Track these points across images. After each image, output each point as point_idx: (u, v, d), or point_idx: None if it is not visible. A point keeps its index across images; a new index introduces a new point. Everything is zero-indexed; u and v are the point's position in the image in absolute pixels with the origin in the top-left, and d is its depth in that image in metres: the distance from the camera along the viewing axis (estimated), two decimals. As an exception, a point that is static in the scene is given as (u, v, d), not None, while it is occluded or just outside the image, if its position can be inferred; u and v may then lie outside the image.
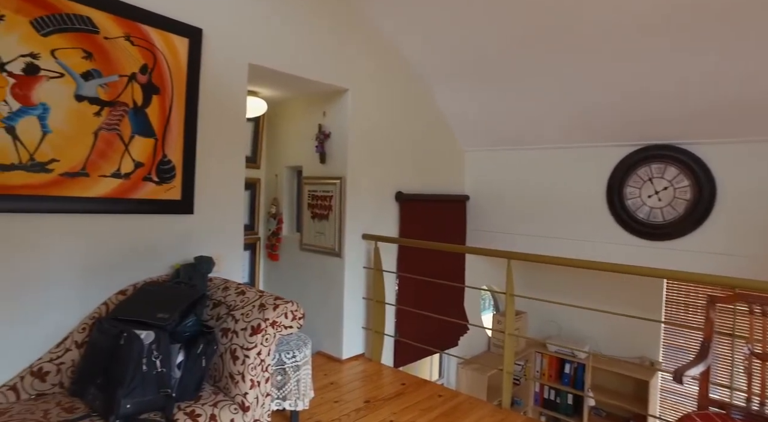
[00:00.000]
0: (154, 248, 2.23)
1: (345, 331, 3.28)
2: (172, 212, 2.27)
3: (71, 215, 1.95)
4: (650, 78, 2.90)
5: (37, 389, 1.85)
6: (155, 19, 2.11)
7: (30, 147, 1.82)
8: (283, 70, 2.76)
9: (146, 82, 2.11)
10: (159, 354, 1.66)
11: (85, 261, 2.01)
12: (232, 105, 2.51)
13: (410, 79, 3.72)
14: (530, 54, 3.13)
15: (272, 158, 3.86)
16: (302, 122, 3.58)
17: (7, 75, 1.76)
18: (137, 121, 2.10)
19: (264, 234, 3.89)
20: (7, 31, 1.75)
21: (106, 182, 2.03)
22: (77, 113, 1.92)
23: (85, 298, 2.00)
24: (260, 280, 3.91)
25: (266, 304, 1.92)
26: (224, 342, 1.89)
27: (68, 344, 1.93)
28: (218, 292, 2.13)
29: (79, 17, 1.90)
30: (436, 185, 4.07)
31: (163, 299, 1.89)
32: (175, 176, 2.25)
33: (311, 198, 3.48)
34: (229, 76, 2.48)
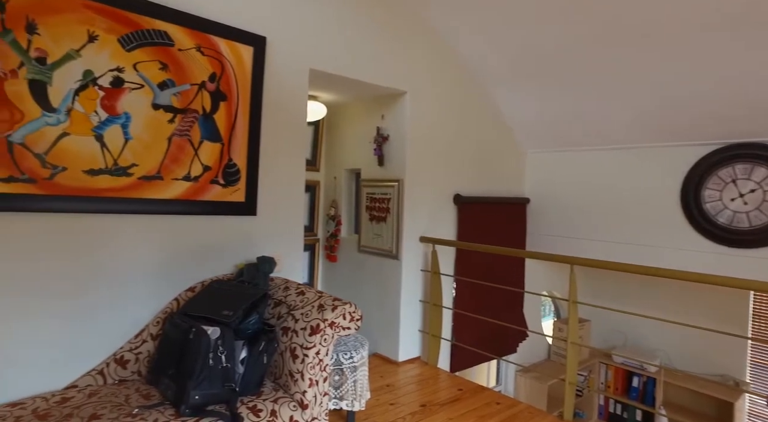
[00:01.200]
0: (220, 247, 2.34)
1: (401, 334, 3.29)
2: (236, 214, 2.37)
3: (147, 215, 2.10)
4: (731, 71, 2.67)
5: (120, 375, 2.00)
6: (224, 30, 2.22)
7: (114, 153, 1.98)
8: (343, 74, 2.81)
9: (214, 90, 2.22)
10: (224, 349, 1.74)
11: (158, 259, 2.15)
12: (293, 109, 2.59)
13: (469, 80, 3.67)
14: (596, 50, 2.99)
15: (331, 160, 3.95)
16: (361, 125, 3.62)
17: (98, 88, 1.92)
18: (206, 127, 2.22)
19: (323, 236, 3.97)
20: (100, 49, 1.91)
21: (178, 185, 2.16)
22: (154, 120, 2.06)
23: (158, 294, 2.14)
24: (319, 281, 4.00)
25: (325, 305, 1.96)
26: (284, 341, 1.94)
27: (144, 336, 2.07)
28: (279, 292, 2.20)
29: (157, 32, 2.04)
30: (495, 188, 3.98)
31: (227, 298, 1.97)
32: (239, 179, 2.35)
33: (369, 200, 3.51)
34: (291, 81, 2.56)
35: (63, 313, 1.92)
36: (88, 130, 1.90)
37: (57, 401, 1.77)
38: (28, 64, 1.77)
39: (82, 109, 1.88)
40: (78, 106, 1.87)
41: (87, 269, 1.97)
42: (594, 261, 2.59)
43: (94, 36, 1.89)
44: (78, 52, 1.86)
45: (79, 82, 1.87)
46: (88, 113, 1.90)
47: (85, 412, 1.66)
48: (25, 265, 1.83)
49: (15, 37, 1.74)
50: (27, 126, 1.78)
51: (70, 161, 1.87)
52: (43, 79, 1.80)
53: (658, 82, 3.00)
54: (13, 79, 1.75)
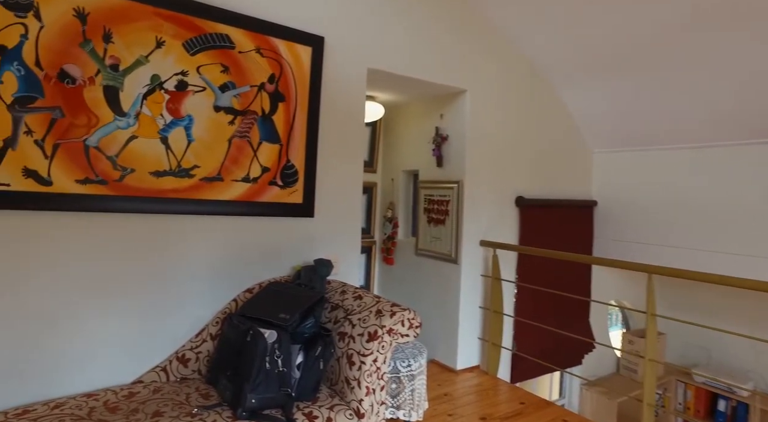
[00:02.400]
0: (277, 249, 2.34)
1: (460, 341, 3.16)
2: (294, 215, 2.36)
3: (207, 216, 2.13)
4: None
5: (182, 373, 2.04)
6: (282, 31, 2.22)
7: (178, 155, 2.02)
8: (401, 73, 2.74)
9: (273, 91, 2.23)
10: (281, 353, 1.71)
11: (218, 260, 2.18)
12: (351, 110, 2.55)
13: (532, 77, 3.49)
14: (675, 37, 2.72)
15: (389, 162, 3.89)
16: (419, 126, 3.54)
17: (164, 92, 1.97)
18: (265, 128, 2.22)
19: (380, 238, 3.93)
20: (166, 54, 1.96)
21: (237, 186, 2.17)
22: (215, 122, 2.09)
23: (217, 294, 2.17)
24: (375, 284, 3.95)
25: (383, 311, 1.89)
26: (341, 346, 1.90)
27: (204, 335, 2.10)
28: (336, 295, 2.16)
29: (219, 35, 2.06)
30: (559, 190, 3.76)
31: (284, 300, 1.96)
32: (297, 181, 2.34)
33: (427, 202, 3.42)
34: (349, 81, 2.52)
35: (131, 311, 1.98)
36: (155, 132, 1.96)
37: (125, 395, 1.82)
38: (104, 71, 1.84)
39: (149, 112, 1.94)
40: (146, 109, 1.93)
41: (152, 268, 2.02)
42: (677, 271, 2.35)
43: (162, 42, 1.94)
44: (147, 58, 1.91)
45: (147, 86, 1.92)
46: (154, 116, 1.95)
47: (149, 408, 1.69)
48: (98, 264, 1.90)
49: (93, 46, 1.82)
50: (101, 130, 1.85)
51: (138, 163, 1.93)
52: (115, 84, 1.86)
53: (749, 73, 2.69)
54: (91, 85, 1.82)
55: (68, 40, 1.77)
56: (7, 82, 1.69)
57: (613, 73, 3.22)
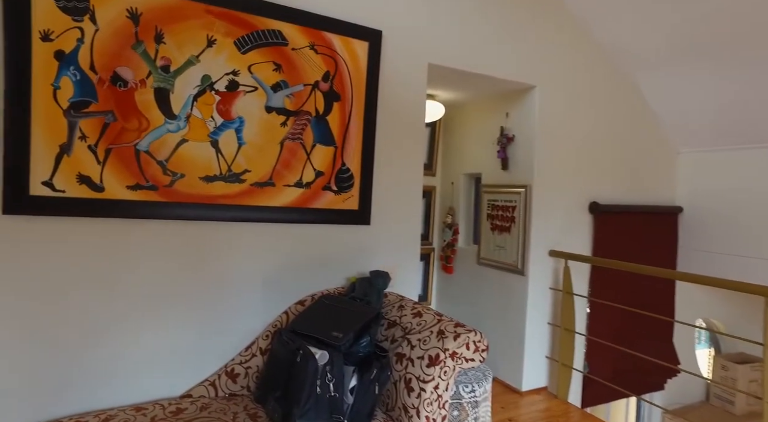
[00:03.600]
0: (331, 258, 2.20)
1: (526, 360, 2.89)
2: (349, 223, 2.21)
3: (258, 223, 2.02)
4: None
5: (230, 389, 1.95)
6: (338, 26, 2.08)
7: (228, 159, 1.93)
8: (464, 69, 2.53)
9: (328, 90, 2.09)
10: (332, 377, 1.56)
11: (268, 269, 2.07)
12: (410, 109, 2.37)
13: (609, 69, 3.15)
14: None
15: (449, 164, 3.67)
16: (482, 126, 3.30)
17: (215, 93, 1.88)
18: (319, 129, 2.09)
19: (438, 245, 3.72)
20: (217, 54, 1.88)
21: (289, 192, 2.06)
22: (266, 124, 1.98)
23: (268, 305, 2.06)
24: (433, 293, 3.75)
25: (446, 331, 1.69)
26: (398, 369, 1.72)
27: (254, 349, 1.99)
28: (393, 310, 1.98)
29: (272, 32, 1.96)
30: (639, 195, 3.37)
31: (338, 316, 1.81)
32: (353, 186, 2.20)
33: (491, 208, 3.17)
34: (408, 78, 2.34)
35: (180, 322, 1.90)
36: (205, 136, 1.87)
37: (172, 411, 1.74)
38: (155, 73, 1.78)
39: (199, 114, 1.86)
40: (196, 111, 1.85)
41: (201, 278, 1.94)
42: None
43: (213, 40, 1.85)
44: (197, 58, 1.84)
45: (197, 87, 1.84)
46: (205, 119, 1.87)
47: (194, 428, 1.60)
48: (147, 273, 1.84)
49: (145, 47, 1.76)
50: (152, 134, 1.79)
51: (188, 167, 1.85)
52: (166, 86, 1.80)
53: None
54: (142, 88, 1.77)
55: (121, 42, 1.72)
56: (64, 88, 1.66)
57: (704, 62, 2.83)
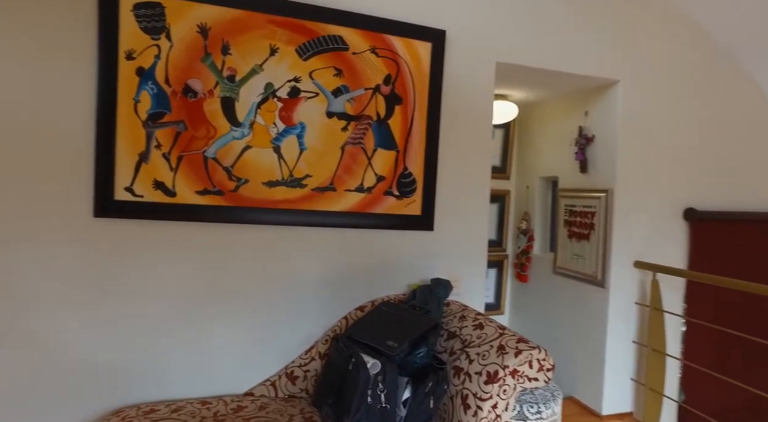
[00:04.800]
0: (392, 265, 2.16)
1: (607, 380, 2.63)
2: (411, 228, 2.16)
3: (319, 228, 2.04)
4: None
5: (290, 390, 1.98)
6: (399, 28, 2.04)
7: (290, 164, 1.96)
8: (537, 66, 2.37)
9: (389, 93, 2.06)
10: (384, 387, 1.52)
11: (329, 274, 2.07)
12: (477, 110, 2.27)
13: (709, 57, 2.79)
14: None
15: (523, 167, 3.49)
16: (559, 126, 3.09)
17: (277, 100, 1.93)
18: (380, 133, 2.07)
19: (512, 252, 3.54)
20: (279, 62, 1.92)
21: (350, 197, 2.05)
22: (327, 129, 1.99)
23: (328, 310, 2.06)
24: (506, 302, 3.57)
25: (506, 347, 1.58)
26: (455, 384, 1.63)
27: (313, 353, 2.01)
28: (454, 321, 1.89)
29: (332, 38, 1.97)
30: (747, 199, 2.95)
31: (395, 325, 1.76)
32: (415, 190, 2.14)
33: (568, 214, 2.95)
34: (474, 78, 2.24)
35: (244, 322, 1.97)
36: (268, 142, 1.92)
37: (233, 408, 1.80)
38: (222, 83, 1.86)
39: (262, 121, 1.91)
40: (259, 118, 1.91)
41: (265, 280, 1.99)
42: None
43: (275, 49, 1.90)
44: (261, 67, 1.89)
45: (260, 95, 1.90)
46: (267, 125, 1.92)
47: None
48: (213, 274, 1.93)
49: (213, 59, 1.85)
50: (218, 141, 1.87)
51: (251, 173, 1.91)
52: (232, 95, 1.87)
53: None
54: (210, 98, 1.86)
55: (192, 55, 1.82)
56: (143, 101, 1.79)
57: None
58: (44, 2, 1.72)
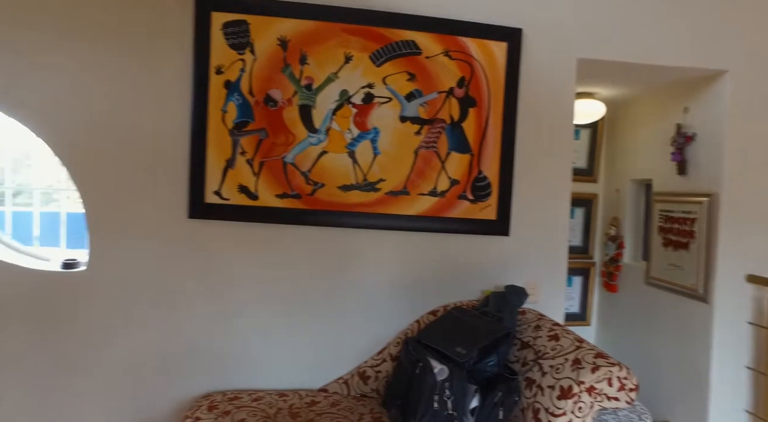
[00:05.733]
0: (466, 270, 2.12)
1: (712, 409, 2.35)
2: (485, 233, 2.11)
3: (392, 231, 2.06)
4: None
5: (361, 390, 2.02)
6: (473, 29, 2.01)
7: (364, 168, 2.01)
8: (625, 60, 2.19)
9: (463, 96, 2.03)
10: (451, 394, 1.49)
11: (402, 277, 2.09)
12: (557, 110, 2.15)
13: None
14: None
15: (613, 169, 3.24)
16: (653, 124, 2.83)
17: (352, 106, 1.99)
18: (454, 137, 2.04)
19: (600, 259, 3.30)
20: (354, 69, 1.98)
21: (424, 201, 2.05)
22: (401, 133, 2.01)
23: (400, 313, 2.08)
24: (593, 313, 3.34)
25: (583, 361, 1.48)
26: (527, 396, 1.56)
27: (385, 354, 2.03)
28: (528, 331, 1.81)
29: (405, 43, 1.99)
30: None
31: (465, 331, 1.73)
32: (490, 194, 2.09)
33: (664, 220, 2.69)
34: (553, 77, 2.13)
35: (319, 320, 2.06)
36: (343, 147, 1.99)
37: (308, 402, 1.88)
38: (300, 92, 1.96)
39: (338, 127, 1.98)
40: (334, 125, 1.98)
41: (339, 280, 2.06)
42: None
43: (350, 57, 1.96)
44: (336, 75, 1.96)
45: (336, 102, 1.97)
46: (342, 131, 1.98)
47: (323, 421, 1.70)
48: (291, 273, 2.04)
49: (292, 69, 1.96)
50: (297, 147, 1.97)
51: (327, 177, 1.99)
52: (309, 103, 1.97)
53: None
54: (289, 106, 1.97)
55: (272, 67, 1.94)
56: (230, 111, 1.95)
57: None
58: (149, 29, 1.94)
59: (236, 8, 1.91)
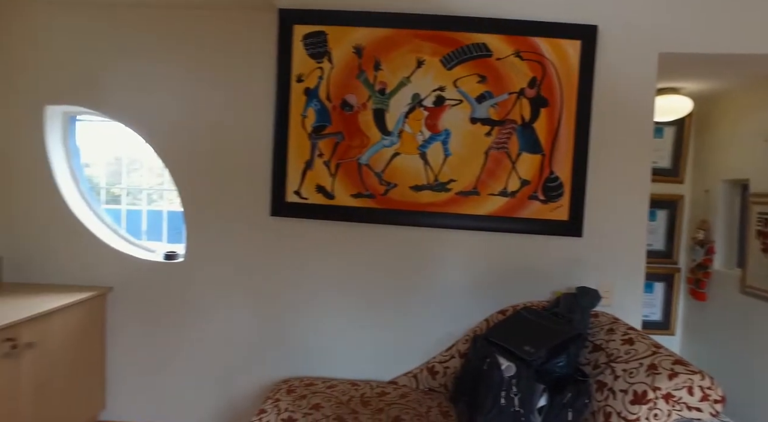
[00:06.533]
0: (536, 270, 2.11)
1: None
2: (557, 234, 2.08)
3: (462, 231, 2.10)
4: None
5: (430, 384, 2.08)
6: (544, 28, 1.99)
7: (435, 169, 2.07)
8: (713, 52, 2.05)
9: (534, 96, 2.02)
10: (518, 391, 1.51)
11: (473, 276, 2.12)
12: (635, 107, 2.07)
13: None
14: None
15: (702, 168, 3.03)
16: (750, 119, 2.62)
17: (423, 109, 2.06)
18: (524, 137, 2.04)
19: (686, 265, 3.10)
20: (425, 73, 2.05)
21: (494, 201, 2.07)
22: (471, 134, 2.04)
23: (470, 311, 2.11)
24: (678, 322, 3.14)
25: (659, 367, 1.43)
26: (598, 399, 1.53)
27: (453, 351, 2.07)
28: (601, 333, 1.77)
29: (476, 46, 2.02)
30: None
31: (533, 331, 1.73)
32: (562, 195, 2.06)
33: (763, 223, 2.49)
34: (632, 73, 2.05)
35: (391, 316, 2.15)
36: (414, 148, 2.06)
37: (378, 392, 1.97)
38: (374, 96, 2.06)
39: (409, 129, 2.05)
40: (407, 127, 2.05)
41: (410, 277, 2.14)
42: None
43: (422, 61, 2.03)
44: (408, 79, 2.04)
45: (408, 105, 2.05)
46: (414, 133, 2.05)
47: (392, 411, 1.78)
48: (365, 269, 2.15)
49: (366, 76, 2.06)
50: (371, 149, 2.08)
51: (399, 177, 2.07)
52: (382, 107, 2.06)
53: None
54: (364, 110, 2.07)
55: (348, 74, 2.06)
56: (309, 116, 2.09)
57: None
58: (240, 46, 2.15)
59: (315, 20, 2.05)
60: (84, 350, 2.14)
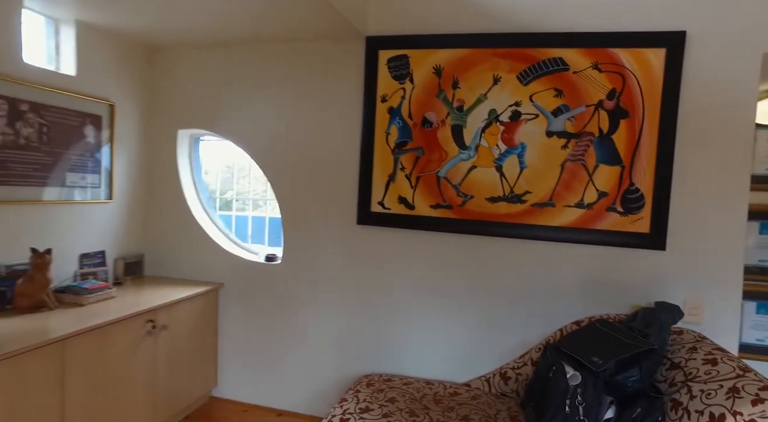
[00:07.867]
0: (614, 283, 2.08)
1: None
2: (637, 247, 2.03)
3: (537, 242, 2.14)
4: None
5: (502, 389, 2.15)
6: (624, 39, 1.97)
7: (511, 182, 2.14)
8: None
9: (613, 108, 2.01)
10: (584, 400, 1.54)
11: (548, 286, 2.15)
12: (731, 114, 1.96)
13: None
14: None
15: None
16: None
17: (500, 124, 2.15)
18: (602, 149, 2.03)
19: (806, 284, 2.78)
20: (502, 89, 2.14)
21: (570, 212, 2.08)
22: (547, 147, 2.09)
23: (544, 320, 2.14)
24: (795, 347, 2.82)
25: (742, 391, 1.38)
26: (672, 417, 1.51)
27: (526, 359, 2.12)
28: (681, 351, 1.72)
29: (552, 60, 2.06)
30: None
31: (605, 342, 1.73)
32: (643, 207, 2.02)
33: None
34: (728, 76, 1.94)
35: (466, 321, 2.25)
36: (491, 162, 2.15)
37: (450, 392, 2.09)
38: (452, 113, 2.19)
39: (486, 144, 2.15)
40: (483, 142, 2.15)
41: (486, 286, 2.22)
42: None
43: (498, 78, 2.12)
44: (485, 96, 2.14)
45: (485, 121, 2.15)
46: (490, 147, 2.15)
47: (462, 411, 1.89)
48: (444, 276, 2.28)
49: (445, 94, 2.20)
50: (449, 163, 2.21)
51: (476, 190, 2.17)
52: (460, 123, 2.18)
53: None
54: (442, 127, 2.21)
55: (428, 93, 2.21)
56: (392, 133, 2.28)
57: None
58: (333, 71, 2.40)
59: (398, 45, 2.24)
60: (201, 335, 2.53)
